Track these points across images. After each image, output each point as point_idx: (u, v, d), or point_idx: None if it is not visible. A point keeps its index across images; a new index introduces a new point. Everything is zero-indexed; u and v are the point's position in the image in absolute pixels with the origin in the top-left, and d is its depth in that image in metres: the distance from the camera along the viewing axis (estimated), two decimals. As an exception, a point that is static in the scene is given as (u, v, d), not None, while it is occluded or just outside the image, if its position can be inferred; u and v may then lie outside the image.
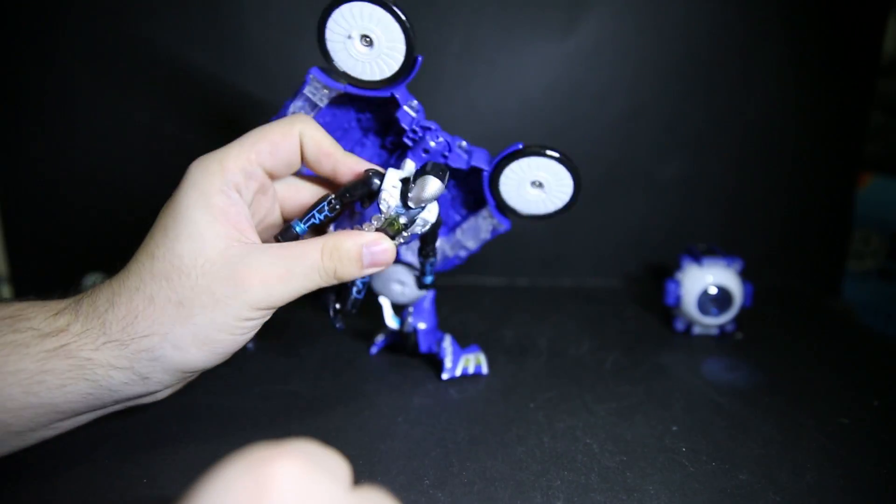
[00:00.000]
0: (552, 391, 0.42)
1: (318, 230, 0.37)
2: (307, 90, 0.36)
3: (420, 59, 0.34)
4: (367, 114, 0.39)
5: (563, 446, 0.35)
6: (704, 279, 0.50)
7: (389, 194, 0.32)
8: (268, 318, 0.31)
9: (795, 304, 0.63)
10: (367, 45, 0.34)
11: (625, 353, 0.48)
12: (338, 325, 0.38)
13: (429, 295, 0.44)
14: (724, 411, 0.40)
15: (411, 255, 0.43)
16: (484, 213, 0.41)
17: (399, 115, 0.36)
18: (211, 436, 0.36)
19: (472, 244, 0.42)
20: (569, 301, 0.60)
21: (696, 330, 0.53)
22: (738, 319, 0.52)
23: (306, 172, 0.36)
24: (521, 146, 0.37)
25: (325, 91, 0.36)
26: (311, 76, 0.35)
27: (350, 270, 0.32)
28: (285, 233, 0.34)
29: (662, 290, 0.52)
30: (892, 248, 0.82)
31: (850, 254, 0.78)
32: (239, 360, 0.46)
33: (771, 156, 0.68)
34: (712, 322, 0.51)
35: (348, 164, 0.33)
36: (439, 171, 0.32)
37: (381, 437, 0.36)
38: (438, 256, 0.43)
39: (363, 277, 0.35)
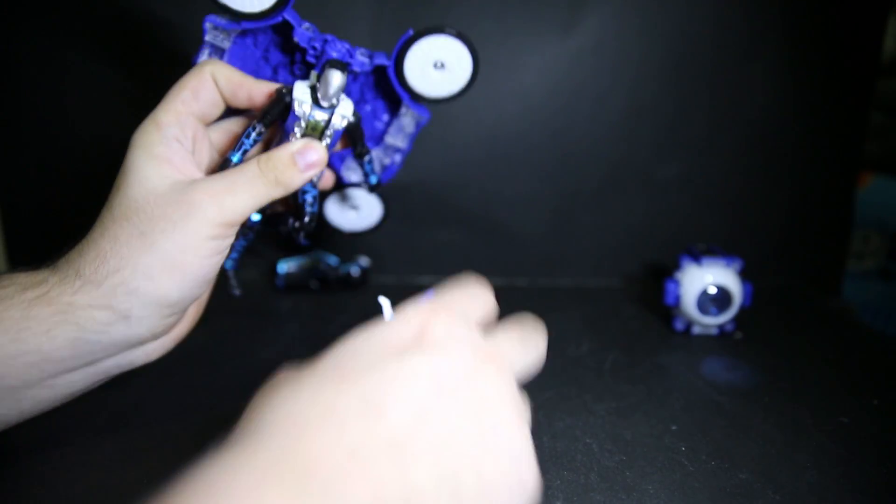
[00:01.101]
0: (551, 391, 0.42)
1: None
2: (208, 37, 0.38)
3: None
4: (271, 49, 0.41)
5: (563, 446, 0.35)
6: (704, 279, 0.50)
7: (301, 101, 0.34)
8: (231, 237, 0.33)
9: (795, 304, 0.63)
10: None
11: (624, 353, 0.48)
12: (302, 242, 0.40)
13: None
14: (724, 411, 0.40)
15: (354, 176, 0.44)
16: (402, 109, 0.42)
17: (295, 35, 0.38)
18: (211, 436, 0.36)
19: (401, 143, 0.44)
20: (568, 301, 0.60)
21: (696, 330, 0.53)
22: (737, 319, 0.52)
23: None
24: (411, 32, 0.39)
25: (223, 34, 0.38)
26: (207, 24, 0.37)
27: (289, 175, 0.34)
28: (224, 165, 0.36)
29: (662, 290, 0.52)
30: (892, 248, 0.82)
31: (850, 254, 0.78)
32: (240, 360, 0.46)
33: (771, 156, 0.68)
34: (712, 322, 0.51)
35: (261, 89, 0.36)
36: (338, 63, 0.34)
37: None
38: (377, 167, 0.44)
39: (310, 188, 0.38)
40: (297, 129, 0.35)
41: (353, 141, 0.39)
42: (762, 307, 0.56)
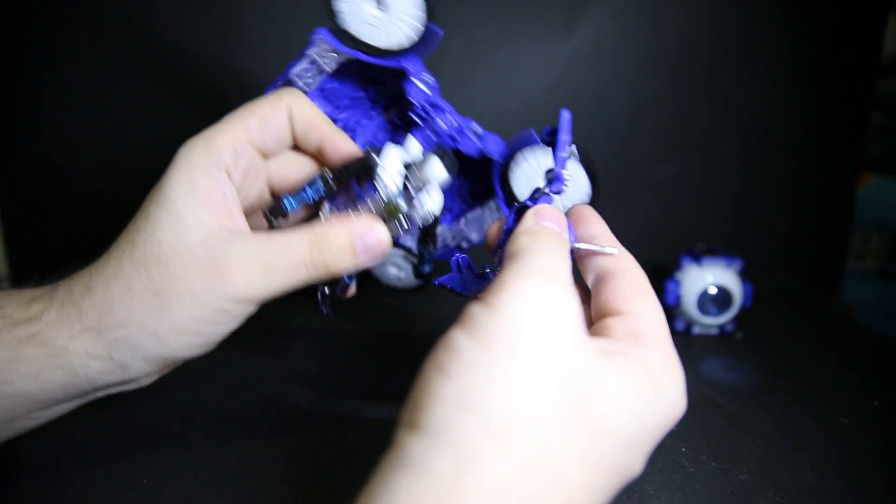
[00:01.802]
0: (552, 391, 0.42)
1: (311, 209, 0.34)
2: (313, 51, 0.33)
3: (440, 32, 0.31)
4: (377, 85, 0.37)
5: (563, 446, 0.35)
6: (704, 279, 0.50)
7: (389, 176, 0.30)
8: (254, 310, 0.30)
9: (795, 304, 0.63)
10: (381, 7, 0.30)
11: (625, 353, 0.48)
12: (324, 311, 0.34)
13: None
14: (725, 411, 0.40)
15: (410, 240, 0.40)
16: (492, 205, 0.39)
17: (408, 88, 0.33)
18: (211, 436, 0.36)
19: (475, 236, 0.40)
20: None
21: (696, 330, 0.53)
22: (737, 319, 0.52)
23: None
24: (536, 139, 0.33)
25: (333, 55, 0.33)
26: (317, 37, 0.32)
27: (343, 263, 0.29)
28: (274, 209, 0.31)
29: (662, 290, 0.52)
30: (892, 248, 0.82)
31: (850, 254, 0.78)
32: (240, 360, 0.46)
33: (771, 156, 0.68)
34: (712, 322, 0.51)
35: (337, 143, 0.31)
36: (447, 158, 0.29)
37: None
38: (439, 244, 0.40)
39: None
40: (369, 202, 0.30)
41: (426, 232, 0.35)
42: (762, 307, 0.56)
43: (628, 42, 0.63)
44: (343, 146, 0.32)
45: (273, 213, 0.31)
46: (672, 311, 0.54)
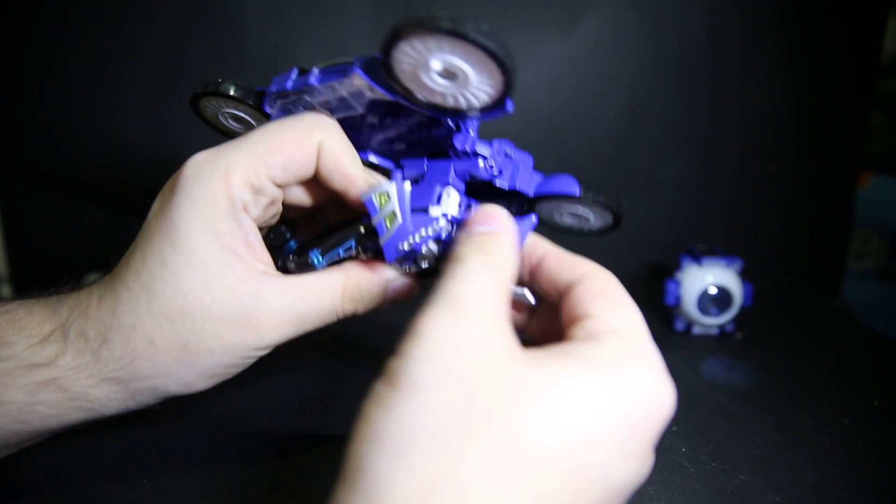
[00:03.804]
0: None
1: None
2: (339, 85, 0.28)
3: (512, 106, 0.27)
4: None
5: (563, 446, 0.35)
6: (704, 279, 0.50)
7: (432, 247, 0.28)
8: None
9: (795, 304, 0.63)
10: (449, 78, 0.25)
11: (625, 353, 0.48)
12: (292, 265, 0.30)
13: None
14: (725, 412, 0.40)
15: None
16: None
17: (455, 136, 0.29)
18: (212, 436, 0.36)
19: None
20: (569, 301, 0.60)
21: (696, 330, 0.53)
22: (738, 319, 0.52)
23: None
24: (577, 193, 0.31)
25: (369, 94, 0.27)
26: (354, 73, 0.26)
27: (371, 305, 0.29)
28: (301, 265, 0.29)
29: (662, 290, 0.52)
30: (892, 248, 0.82)
31: (850, 254, 0.78)
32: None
33: (771, 156, 0.68)
34: (712, 322, 0.51)
35: (363, 188, 0.28)
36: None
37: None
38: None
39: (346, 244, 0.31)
40: (412, 265, 0.29)
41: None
42: (762, 307, 0.56)
43: (628, 42, 0.63)
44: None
45: (300, 269, 0.30)
46: (672, 311, 0.54)
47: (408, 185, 0.28)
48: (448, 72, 0.24)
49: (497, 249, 0.24)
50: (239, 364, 0.28)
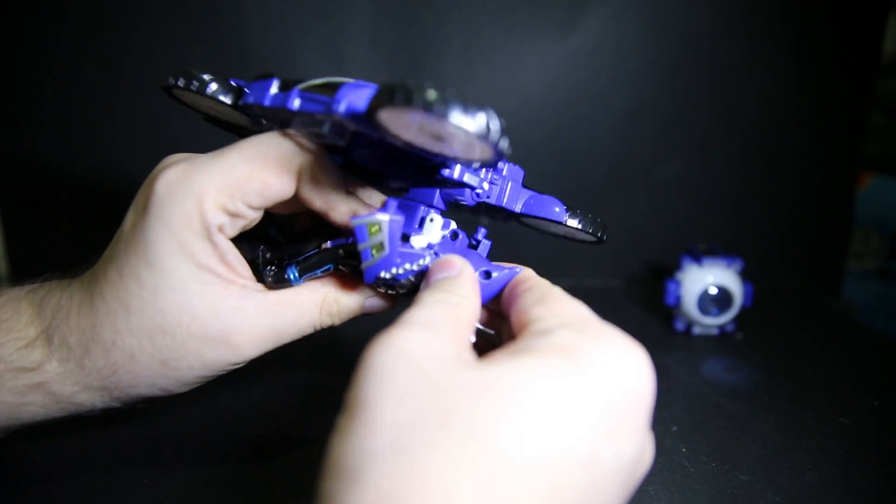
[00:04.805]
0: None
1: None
2: (319, 116, 0.26)
3: (504, 162, 0.29)
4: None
5: (564, 446, 0.35)
6: (704, 279, 0.50)
7: (412, 262, 0.28)
8: None
9: (795, 304, 0.63)
10: (437, 140, 0.24)
11: (625, 354, 0.48)
12: (269, 279, 0.29)
13: None
14: (725, 412, 0.40)
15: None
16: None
17: (443, 169, 0.28)
18: (212, 435, 0.36)
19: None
20: (569, 301, 0.60)
21: (696, 330, 0.53)
22: (738, 319, 0.52)
23: None
24: (562, 219, 0.32)
25: (352, 128, 0.26)
26: (336, 114, 0.25)
27: (346, 320, 0.30)
28: (278, 280, 0.29)
29: (662, 290, 0.52)
30: (892, 248, 0.82)
31: (850, 254, 0.78)
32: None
33: (771, 156, 0.68)
34: (712, 322, 0.51)
35: (342, 212, 0.27)
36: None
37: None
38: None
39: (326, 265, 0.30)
40: (397, 288, 0.28)
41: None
42: (763, 307, 0.56)
43: (628, 42, 0.63)
44: (347, 220, 0.27)
45: (277, 284, 0.29)
46: (672, 311, 0.54)
47: (399, 218, 0.27)
48: (435, 136, 0.23)
49: (454, 288, 0.24)
50: (216, 375, 0.28)
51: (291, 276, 0.29)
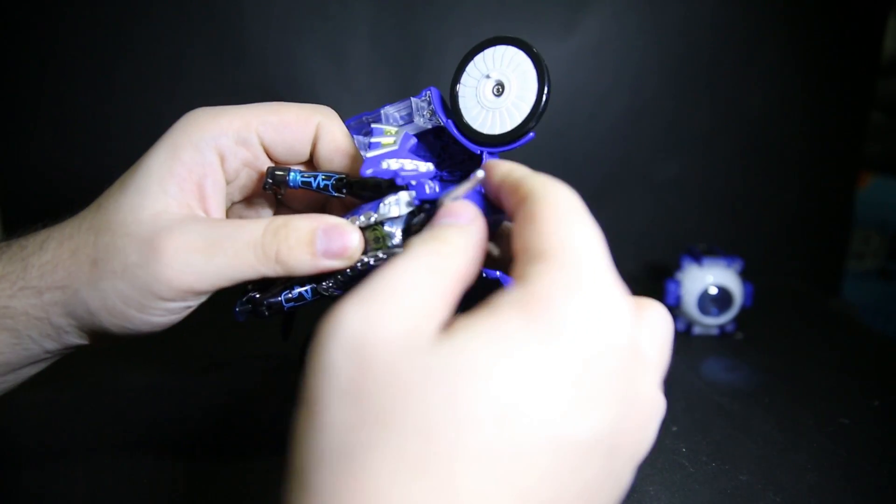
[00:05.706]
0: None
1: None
2: (416, 101, 0.30)
3: (533, 134, 0.29)
4: (446, 159, 0.33)
5: (564, 446, 0.35)
6: (705, 279, 0.50)
7: (396, 205, 0.26)
8: (192, 306, 0.27)
9: (795, 304, 0.63)
10: (497, 94, 0.30)
11: (625, 354, 0.48)
12: (238, 317, 0.28)
13: None
14: (725, 412, 0.40)
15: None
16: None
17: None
18: (212, 435, 0.36)
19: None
20: (569, 301, 0.60)
21: (696, 330, 0.53)
22: (738, 319, 0.52)
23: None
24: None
25: (427, 116, 0.30)
26: (427, 92, 0.30)
27: (297, 255, 0.25)
28: (274, 174, 0.28)
29: (662, 290, 0.52)
30: (892, 248, 0.82)
31: (850, 254, 0.78)
32: (238, 358, 0.46)
33: (771, 156, 0.68)
34: (712, 322, 0.51)
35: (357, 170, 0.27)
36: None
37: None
38: None
39: (309, 283, 0.27)
40: (362, 216, 0.26)
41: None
42: (763, 307, 0.56)
43: (629, 42, 0.63)
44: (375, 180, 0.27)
45: (273, 179, 0.28)
46: (672, 311, 0.54)
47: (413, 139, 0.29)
48: (499, 85, 0.29)
49: (453, 238, 0.20)
50: (138, 304, 0.25)
51: (291, 177, 0.28)
